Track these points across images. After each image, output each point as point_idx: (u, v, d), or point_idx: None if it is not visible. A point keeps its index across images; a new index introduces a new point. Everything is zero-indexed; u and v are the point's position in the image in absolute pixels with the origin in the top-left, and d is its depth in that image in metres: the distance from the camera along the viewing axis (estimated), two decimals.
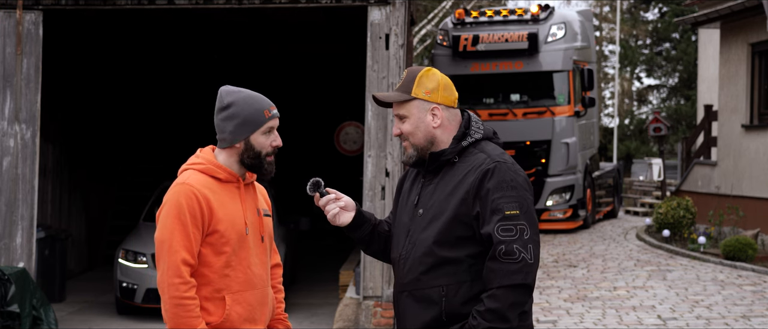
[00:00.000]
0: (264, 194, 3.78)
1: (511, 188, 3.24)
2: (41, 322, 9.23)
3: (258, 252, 3.57)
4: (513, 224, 3.20)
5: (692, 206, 15.13)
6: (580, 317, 9.66)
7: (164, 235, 3.40)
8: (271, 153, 3.54)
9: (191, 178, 3.48)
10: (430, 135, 3.38)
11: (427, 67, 3.43)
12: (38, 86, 9.87)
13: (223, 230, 3.44)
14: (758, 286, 11.03)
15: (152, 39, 15.67)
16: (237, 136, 3.49)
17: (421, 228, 3.35)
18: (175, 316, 3.36)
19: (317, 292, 12.61)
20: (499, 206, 3.21)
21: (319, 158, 19.12)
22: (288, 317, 3.84)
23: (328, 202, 3.46)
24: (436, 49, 17.43)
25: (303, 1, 9.85)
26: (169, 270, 3.37)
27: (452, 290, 3.27)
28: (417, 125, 3.37)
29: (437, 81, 3.39)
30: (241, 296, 3.48)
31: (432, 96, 3.37)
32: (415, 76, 3.39)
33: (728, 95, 16.39)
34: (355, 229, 3.51)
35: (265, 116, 3.51)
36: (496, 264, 3.19)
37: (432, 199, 3.36)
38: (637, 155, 35.31)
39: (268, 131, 3.52)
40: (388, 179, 9.57)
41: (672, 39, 38.67)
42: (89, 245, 15.21)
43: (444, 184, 3.36)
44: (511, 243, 3.18)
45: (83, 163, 14.92)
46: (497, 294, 3.17)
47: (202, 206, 3.41)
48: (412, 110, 3.38)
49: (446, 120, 3.39)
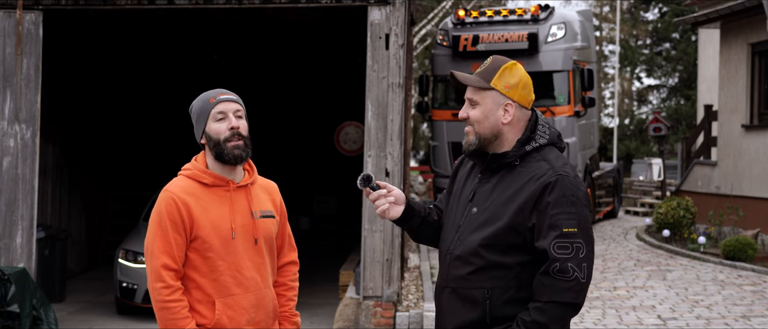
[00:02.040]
0: (272, 192, 3.75)
1: (571, 204, 3.17)
2: (41, 322, 9.23)
3: (251, 255, 3.56)
4: (570, 242, 3.14)
5: (692, 206, 15.13)
6: (580, 317, 9.66)
7: (148, 242, 3.49)
8: (230, 137, 3.51)
9: (174, 184, 3.55)
10: (497, 129, 3.30)
11: (513, 61, 3.35)
12: (38, 85, 9.87)
13: (205, 236, 3.48)
14: (758, 286, 11.03)
15: (152, 39, 15.67)
16: (199, 133, 3.58)
17: (472, 228, 3.29)
18: (161, 319, 3.45)
19: (317, 292, 12.61)
20: (557, 222, 3.15)
21: (319, 158, 19.13)
22: None
23: (378, 196, 3.40)
24: (436, 49, 17.42)
25: (303, 1, 9.85)
26: (151, 274, 3.46)
27: (497, 293, 3.22)
28: (487, 115, 3.30)
29: (519, 78, 3.31)
30: (233, 300, 3.50)
31: (510, 92, 3.29)
32: (499, 66, 3.32)
33: (728, 95, 16.39)
34: (404, 222, 3.46)
35: (210, 103, 3.54)
36: (548, 279, 3.14)
37: (488, 200, 3.29)
38: (637, 155, 35.29)
39: (219, 117, 3.53)
40: (388, 179, 9.56)
41: (672, 39, 38.66)
42: (89, 246, 15.21)
43: (502, 188, 3.28)
44: (566, 261, 3.12)
45: (83, 163, 14.92)
46: (545, 308, 3.13)
47: (181, 212, 3.46)
48: (486, 99, 3.30)
49: (516, 119, 3.31)
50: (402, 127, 9.66)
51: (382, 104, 9.62)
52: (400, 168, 9.63)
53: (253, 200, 3.62)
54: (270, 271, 3.67)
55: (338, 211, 19.42)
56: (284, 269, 3.79)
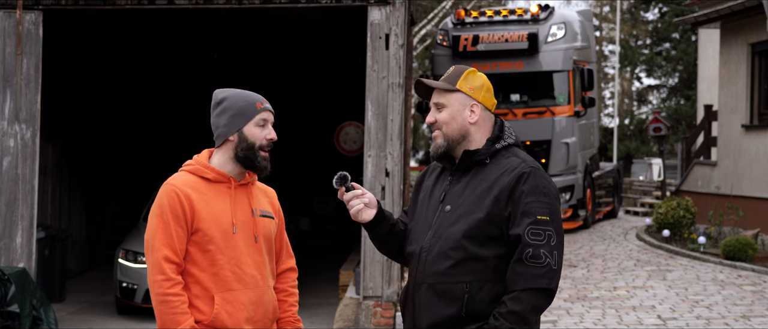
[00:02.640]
0: (271, 196, 3.76)
1: (544, 195, 3.28)
2: (41, 322, 9.23)
3: (251, 252, 3.55)
4: (542, 229, 3.23)
5: (692, 206, 15.13)
6: (580, 317, 9.66)
7: (149, 234, 3.46)
8: (266, 147, 3.56)
9: (176, 178, 3.53)
10: (464, 129, 3.41)
11: (473, 69, 3.50)
12: (38, 85, 9.87)
13: (206, 229, 3.46)
14: (758, 286, 11.03)
15: (152, 39, 15.67)
16: (231, 128, 3.53)
17: (448, 223, 3.35)
18: (160, 313, 3.41)
19: (317, 292, 12.61)
20: (531, 210, 3.24)
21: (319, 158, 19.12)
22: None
23: (353, 197, 3.46)
24: (436, 49, 17.42)
25: (303, 1, 9.85)
26: (152, 267, 3.42)
27: (476, 287, 3.28)
28: (454, 116, 3.41)
29: (482, 81, 3.46)
30: (232, 295, 3.48)
31: (475, 93, 3.42)
32: (462, 71, 3.46)
33: (728, 95, 16.40)
34: (374, 226, 3.50)
35: (257, 107, 3.55)
36: (521, 267, 3.21)
37: (461, 197, 3.37)
38: (637, 155, 35.29)
39: (261, 124, 3.55)
40: (388, 179, 9.57)
41: (672, 39, 38.65)
42: (89, 245, 15.21)
43: (474, 184, 3.37)
44: (538, 247, 3.21)
45: (83, 163, 14.93)
46: (520, 296, 3.19)
47: (183, 204, 3.44)
48: (452, 101, 3.42)
49: (482, 119, 3.43)
50: (402, 127, 9.66)
51: (382, 104, 9.62)
52: (400, 168, 9.63)
53: (253, 199, 3.63)
54: (269, 272, 3.65)
55: (338, 211, 19.41)
56: (284, 275, 3.78)
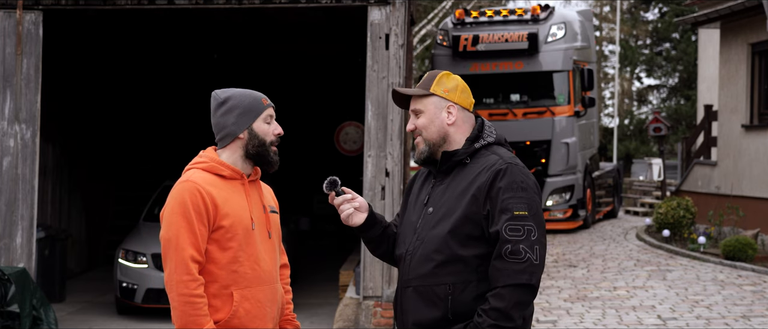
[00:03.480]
0: (271, 192, 3.78)
1: (521, 190, 3.29)
2: (41, 322, 9.23)
3: (266, 247, 3.56)
4: (521, 225, 3.24)
5: (692, 206, 15.13)
6: (580, 317, 9.66)
7: (170, 233, 3.37)
8: (275, 142, 3.57)
9: (195, 176, 3.47)
10: (443, 132, 3.45)
11: (447, 72, 3.54)
12: (38, 85, 9.87)
13: (229, 226, 3.42)
14: (758, 286, 11.03)
15: (152, 39, 15.67)
16: (240, 126, 3.51)
17: (430, 226, 3.38)
18: (183, 314, 3.33)
19: (317, 292, 12.61)
20: (508, 206, 3.26)
21: (319, 158, 19.12)
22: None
23: (343, 201, 3.47)
24: (436, 49, 17.42)
25: (303, 1, 9.86)
26: (177, 267, 3.34)
27: (459, 288, 3.30)
28: (432, 119, 3.45)
29: (456, 83, 3.50)
30: (250, 292, 3.46)
31: (449, 95, 3.46)
32: (435, 76, 3.50)
33: (728, 95, 16.40)
34: (366, 230, 3.53)
35: (263, 104, 3.56)
36: (501, 263, 3.23)
37: (442, 198, 3.40)
38: (637, 155, 35.29)
39: (268, 119, 3.56)
40: (388, 179, 9.57)
41: (672, 39, 38.66)
42: (89, 245, 15.21)
43: (455, 185, 3.40)
44: (517, 243, 3.22)
45: (83, 163, 14.92)
46: (502, 292, 3.21)
47: (206, 203, 3.40)
48: (428, 105, 3.46)
49: (460, 120, 3.47)
50: (402, 127, 9.66)
51: (382, 104, 9.62)
52: (400, 168, 9.63)
53: (262, 195, 3.66)
54: (278, 267, 3.68)
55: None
56: (280, 271, 3.77)
